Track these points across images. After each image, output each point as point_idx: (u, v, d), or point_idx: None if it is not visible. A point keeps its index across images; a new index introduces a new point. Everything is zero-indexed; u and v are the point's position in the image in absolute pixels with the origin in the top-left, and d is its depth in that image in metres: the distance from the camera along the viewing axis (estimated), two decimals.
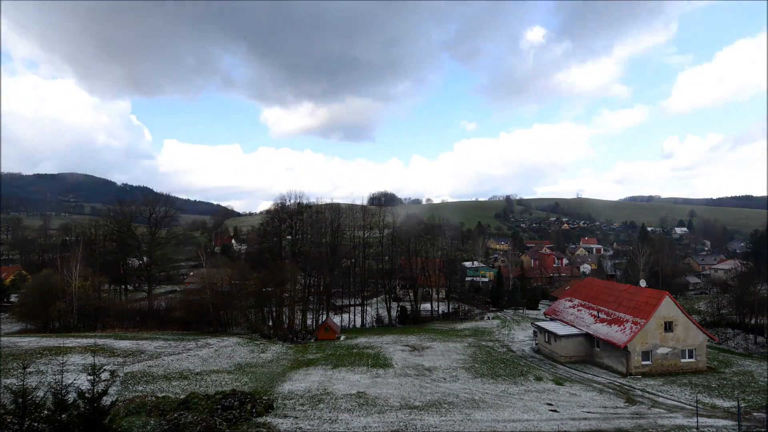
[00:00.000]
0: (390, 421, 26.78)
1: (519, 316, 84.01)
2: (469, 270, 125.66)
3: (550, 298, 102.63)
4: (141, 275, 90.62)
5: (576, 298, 55.80)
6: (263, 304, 65.15)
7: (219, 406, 26.40)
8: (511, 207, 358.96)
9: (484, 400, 31.86)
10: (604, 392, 35.32)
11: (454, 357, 47.44)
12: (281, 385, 35.17)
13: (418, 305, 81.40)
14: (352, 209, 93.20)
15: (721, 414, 29.40)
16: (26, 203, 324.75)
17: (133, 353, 43.57)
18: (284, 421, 26.30)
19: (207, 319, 62.46)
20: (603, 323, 46.14)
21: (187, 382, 35.02)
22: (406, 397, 32.18)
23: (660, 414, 29.36)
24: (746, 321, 61.63)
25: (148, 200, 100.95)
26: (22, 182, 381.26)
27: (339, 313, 79.71)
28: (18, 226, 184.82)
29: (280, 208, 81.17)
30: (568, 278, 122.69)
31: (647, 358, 41.54)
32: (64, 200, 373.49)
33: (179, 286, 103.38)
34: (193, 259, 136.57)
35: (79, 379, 27.65)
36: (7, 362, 35.39)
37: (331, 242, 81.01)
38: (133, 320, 66.13)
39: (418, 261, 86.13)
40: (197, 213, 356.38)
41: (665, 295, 43.00)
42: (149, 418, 25.36)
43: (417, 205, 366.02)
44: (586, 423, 27.07)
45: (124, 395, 30.47)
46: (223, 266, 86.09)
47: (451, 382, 37.62)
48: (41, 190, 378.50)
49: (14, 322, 68.55)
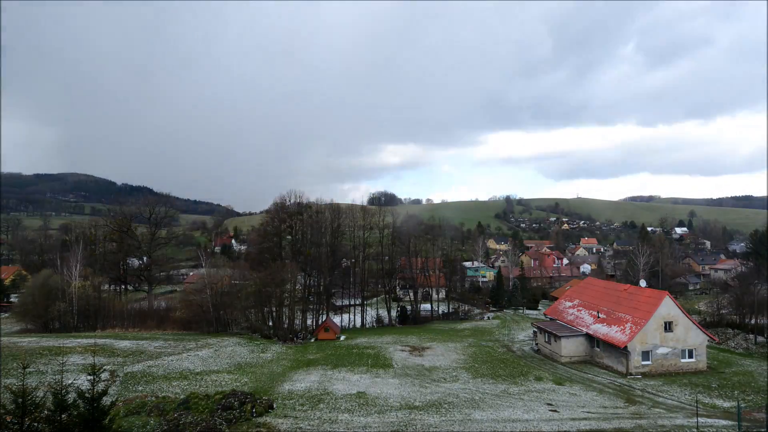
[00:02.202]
0: (390, 422, 26.77)
1: (519, 316, 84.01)
2: (469, 270, 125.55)
3: (550, 298, 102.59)
4: (141, 275, 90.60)
5: (576, 298, 55.79)
6: (263, 305, 65.09)
7: (219, 406, 26.39)
8: (511, 207, 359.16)
9: (484, 400, 31.86)
10: (604, 392, 35.32)
11: (454, 357, 47.43)
12: (281, 385, 35.16)
13: (418, 305, 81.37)
14: (352, 209, 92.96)
15: (721, 414, 29.40)
16: (26, 203, 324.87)
17: (133, 353, 43.57)
18: (284, 421, 26.29)
19: (207, 319, 62.40)
20: (603, 323, 46.13)
21: (187, 382, 35.01)
22: (406, 397, 32.17)
23: (660, 414, 29.36)
24: (746, 321, 61.61)
25: (148, 200, 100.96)
26: (22, 182, 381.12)
27: (339, 313, 79.67)
28: (18, 226, 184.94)
29: (280, 208, 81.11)
30: (568, 278, 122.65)
31: (647, 358, 41.53)
32: (64, 200, 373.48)
33: (179, 286, 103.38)
34: (193, 259, 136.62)
35: (79, 379, 27.63)
36: (7, 362, 35.39)
37: (331, 242, 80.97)
38: (133, 320, 66.04)
39: (418, 261, 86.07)
40: (197, 213, 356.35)
41: (665, 295, 43.01)
42: (149, 418, 25.36)
43: (417, 205, 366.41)
44: (586, 423, 27.06)
45: (124, 395, 30.46)
46: (223, 266, 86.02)
47: (451, 382, 37.62)
48: (41, 190, 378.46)
49: (14, 322, 68.51)
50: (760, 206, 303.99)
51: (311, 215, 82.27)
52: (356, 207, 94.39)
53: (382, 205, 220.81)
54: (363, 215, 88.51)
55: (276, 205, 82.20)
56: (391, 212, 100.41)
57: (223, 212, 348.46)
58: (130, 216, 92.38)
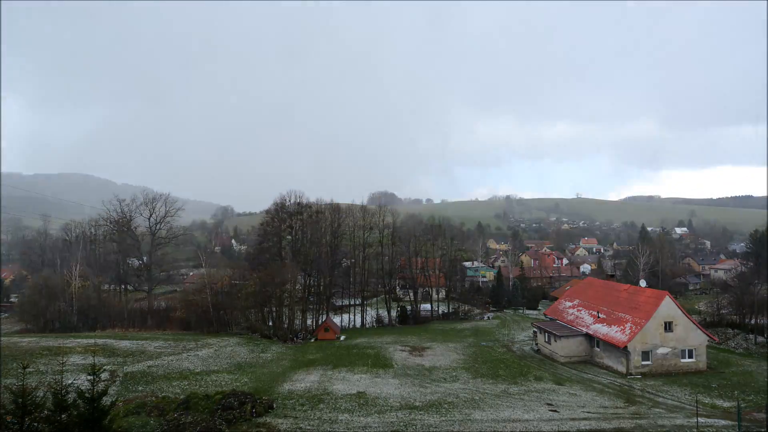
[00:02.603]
0: (390, 421, 26.77)
1: (519, 316, 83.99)
2: (469, 270, 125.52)
3: (550, 298, 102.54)
4: (141, 275, 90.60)
5: (576, 298, 55.78)
6: (263, 305, 65.09)
7: (219, 406, 26.38)
8: (511, 207, 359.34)
9: (484, 401, 31.86)
10: (604, 392, 35.31)
11: (454, 357, 47.43)
12: (281, 385, 35.15)
13: (418, 305, 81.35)
14: (352, 209, 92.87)
15: (721, 414, 29.39)
16: (26, 203, 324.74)
17: (133, 353, 43.56)
18: (284, 421, 26.29)
19: (207, 319, 62.42)
20: (603, 323, 46.12)
21: (187, 382, 35.00)
22: (406, 397, 32.17)
23: (660, 414, 29.36)
24: (746, 321, 61.58)
25: (148, 200, 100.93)
26: (22, 182, 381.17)
27: (339, 313, 79.64)
28: (18, 226, 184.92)
29: (280, 208, 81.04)
30: (568, 278, 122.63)
31: (647, 358, 41.52)
32: (64, 200, 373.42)
33: (179, 286, 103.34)
34: (193, 259, 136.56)
35: (79, 379, 27.62)
36: (7, 362, 35.37)
37: (331, 242, 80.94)
38: (133, 320, 66.11)
39: (418, 261, 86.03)
40: (197, 213, 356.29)
41: (665, 295, 43.00)
42: (149, 418, 25.36)
43: (417, 205, 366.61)
44: (586, 423, 27.06)
45: (124, 395, 30.47)
46: (223, 266, 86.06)
47: (451, 382, 37.61)
48: (41, 190, 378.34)
49: (14, 322, 68.55)
50: (760, 206, 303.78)
51: (311, 215, 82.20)
52: (356, 207, 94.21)
53: (382, 205, 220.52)
54: (363, 215, 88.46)
55: (276, 205, 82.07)
56: (391, 212, 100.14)
57: (223, 212, 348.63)
58: (130, 216, 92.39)
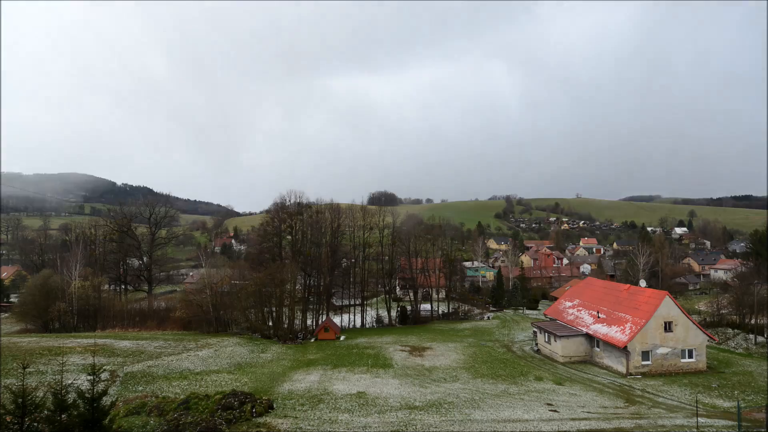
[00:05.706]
0: (390, 421, 26.75)
1: (519, 316, 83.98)
2: (469, 270, 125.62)
3: (550, 298, 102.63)
4: (141, 275, 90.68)
5: (576, 298, 55.79)
6: (263, 305, 65.09)
7: (219, 406, 26.38)
8: (511, 207, 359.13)
9: (484, 400, 31.85)
10: (604, 392, 35.32)
11: (454, 357, 47.43)
12: (281, 385, 35.15)
13: (418, 305, 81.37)
14: (352, 209, 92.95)
15: (721, 414, 29.39)
16: (26, 203, 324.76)
17: (133, 353, 43.55)
18: (284, 421, 26.27)
19: (207, 319, 62.41)
20: (603, 323, 46.13)
21: (187, 383, 35.00)
22: (406, 397, 32.16)
23: (660, 414, 29.35)
24: (746, 321, 61.63)
25: (148, 200, 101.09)
26: (22, 182, 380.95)
27: (339, 313, 79.65)
28: (18, 226, 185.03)
29: (280, 208, 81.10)
30: (568, 278, 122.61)
31: (647, 358, 41.52)
32: (64, 200, 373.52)
33: (179, 286, 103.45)
34: (193, 259, 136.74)
35: (79, 380, 27.63)
36: (7, 362, 35.36)
37: (331, 242, 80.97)
38: (133, 320, 66.10)
39: (418, 261, 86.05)
40: (197, 213, 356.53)
41: (665, 295, 42.99)
42: (149, 418, 25.36)
43: (417, 205, 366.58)
44: (586, 423, 27.04)
45: (124, 395, 30.45)
46: (223, 266, 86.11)
47: (451, 382, 37.61)
48: (41, 190, 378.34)
49: (14, 322, 68.54)
50: (760, 206, 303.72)
51: (311, 215, 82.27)
52: (356, 207, 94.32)
53: (382, 205, 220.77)
54: (363, 215, 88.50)
55: (276, 205, 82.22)
56: (391, 212, 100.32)
57: (223, 212, 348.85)
58: (130, 216, 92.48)
